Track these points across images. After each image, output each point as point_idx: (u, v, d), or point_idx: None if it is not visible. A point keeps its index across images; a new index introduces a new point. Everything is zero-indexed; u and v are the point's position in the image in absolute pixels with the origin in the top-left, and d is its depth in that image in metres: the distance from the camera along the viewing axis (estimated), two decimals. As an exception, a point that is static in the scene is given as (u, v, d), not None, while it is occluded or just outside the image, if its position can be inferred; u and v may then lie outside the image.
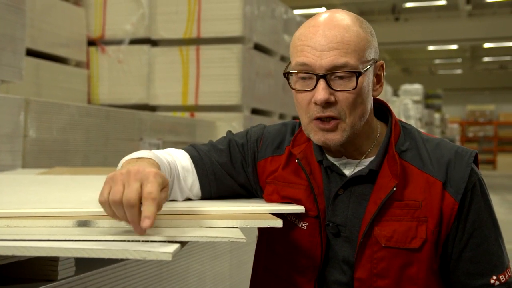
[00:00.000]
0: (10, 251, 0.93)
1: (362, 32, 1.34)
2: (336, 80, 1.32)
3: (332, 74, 1.31)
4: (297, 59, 1.34)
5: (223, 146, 1.55)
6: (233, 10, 4.55)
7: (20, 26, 2.82)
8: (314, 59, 1.31)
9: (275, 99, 5.22)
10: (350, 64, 1.31)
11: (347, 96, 1.32)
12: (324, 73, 1.31)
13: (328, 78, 1.31)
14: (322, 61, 1.31)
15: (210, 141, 1.60)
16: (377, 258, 1.36)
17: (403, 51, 22.59)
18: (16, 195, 1.55)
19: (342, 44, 1.31)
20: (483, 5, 16.74)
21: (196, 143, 1.58)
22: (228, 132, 1.61)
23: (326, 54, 1.31)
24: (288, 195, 1.45)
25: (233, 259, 2.51)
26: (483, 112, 27.58)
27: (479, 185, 1.39)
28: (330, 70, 1.31)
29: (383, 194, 1.35)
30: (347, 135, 1.35)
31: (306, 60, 1.32)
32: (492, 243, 1.39)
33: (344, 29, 1.32)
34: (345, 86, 1.32)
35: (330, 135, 1.35)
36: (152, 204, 1.00)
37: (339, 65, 1.30)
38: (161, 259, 0.92)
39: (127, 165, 1.18)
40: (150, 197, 1.01)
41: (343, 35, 1.31)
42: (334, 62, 1.30)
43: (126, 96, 4.87)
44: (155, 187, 1.02)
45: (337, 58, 1.30)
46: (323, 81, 1.31)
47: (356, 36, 1.32)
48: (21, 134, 2.80)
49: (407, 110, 12.19)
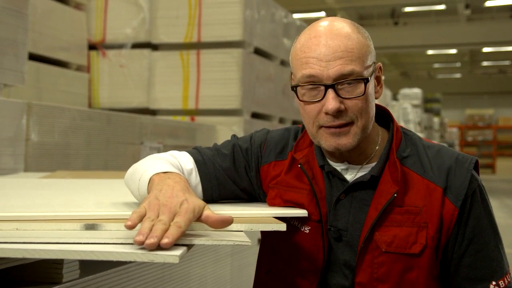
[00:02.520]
0: (20, 253, 0.94)
1: (362, 38, 1.36)
2: (344, 88, 1.33)
3: (339, 83, 1.33)
4: (303, 72, 1.35)
5: (227, 151, 1.56)
6: (233, 14, 4.57)
7: (22, 30, 2.83)
8: (320, 70, 1.33)
9: (275, 103, 5.24)
10: (356, 71, 1.32)
11: (356, 102, 1.34)
12: (332, 82, 1.33)
13: (336, 87, 1.33)
14: (329, 71, 1.32)
15: (215, 144, 1.61)
16: (378, 263, 1.37)
17: (402, 55, 22.61)
18: (22, 199, 1.56)
19: (346, 53, 1.32)
20: (482, 9, 16.77)
21: (200, 146, 1.59)
22: (233, 136, 1.62)
23: (332, 64, 1.32)
24: (291, 200, 1.47)
25: (234, 262, 2.53)
26: (482, 116, 27.60)
27: (479, 192, 1.40)
28: (337, 79, 1.32)
29: (384, 200, 1.37)
30: (358, 138, 1.37)
31: (313, 72, 1.33)
32: (492, 248, 1.40)
33: (345, 37, 1.34)
34: (353, 93, 1.34)
35: (342, 139, 1.36)
36: (177, 231, 1.03)
37: (346, 73, 1.32)
38: (168, 262, 0.93)
39: (159, 182, 1.23)
40: (176, 225, 1.04)
41: (346, 44, 1.33)
42: (341, 71, 1.32)
43: (126, 100, 4.88)
44: (184, 218, 1.07)
45: (343, 67, 1.32)
46: (331, 90, 1.33)
47: (358, 43, 1.34)
48: (23, 138, 2.81)
49: (406, 114, 12.20)
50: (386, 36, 16.53)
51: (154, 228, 1.01)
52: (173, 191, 1.14)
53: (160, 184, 1.20)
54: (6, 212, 1.18)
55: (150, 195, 1.14)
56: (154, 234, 0.99)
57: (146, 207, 1.09)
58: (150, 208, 1.08)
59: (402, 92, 14.74)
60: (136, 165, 1.41)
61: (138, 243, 0.98)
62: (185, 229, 1.05)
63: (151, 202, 1.11)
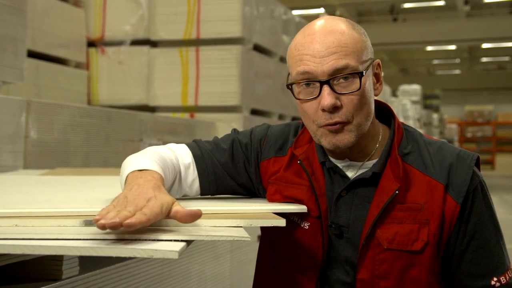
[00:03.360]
0: (20, 249, 0.94)
1: (356, 34, 1.36)
2: (340, 84, 1.33)
3: (334, 79, 1.33)
4: (298, 69, 1.35)
5: (226, 145, 1.56)
6: (232, 11, 4.56)
7: (21, 27, 2.83)
8: (315, 66, 1.33)
9: (275, 99, 5.24)
10: (350, 65, 1.32)
11: (352, 98, 1.33)
12: (326, 78, 1.32)
13: (331, 83, 1.33)
14: (323, 66, 1.32)
15: (215, 138, 1.60)
16: (379, 260, 1.37)
17: (402, 51, 22.62)
18: (22, 195, 1.56)
19: (340, 48, 1.32)
20: (481, 5, 16.77)
21: (200, 140, 1.59)
22: (233, 131, 1.62)
23: (326, 60, 1.32)
24: (291, 196, 1.47)
25: (233, 259, 2.53)
26: (481, 112, 27.62)
27: (480, 188, 1.40)
28: (332, 74, 1.32)
29: (386, 197, 1.37)
30: (355, 135, 1.36)
31: (307, 69, 1.33)
32: (493, 245, 1.41)
33: (339, 33, 1.34)
34: (349, 89, 1.33)
35: (339, 136, 1.35)
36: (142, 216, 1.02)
37: (340, 68, 1.32)
38: (168, 257, 0.94)
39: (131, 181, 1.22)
40: (141, 213, 1.04)
41: (339, 39, 1.33)
42: (335, 66, 1.31)
43: (125, 97, 4.88)
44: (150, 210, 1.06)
45: (337, 62, 1.31)
46: (327, 86, 1.32)
47: (352, 38, 1.34)
48: (23, 135, 2.81)
49: (406, 110, 12.21)
50: (385, 32, 16.53)
51: (119, 214, 1.01)
52: (141, 189, 1.14)
53: (131, 184, 1.19)
54: (6, 209, 1.18)
55: (120, 194, 1.14)
56: (117, 215, 0.99)
57: (114, 204, 1.09)
58: (118, 204, 1.08)
59: (401, 88, 14.74)
60: (127, 159, 1.41)
61: (100, 226, 0.97)
62: (151, 219, 1.04)
63: (119, 199, 1.11)
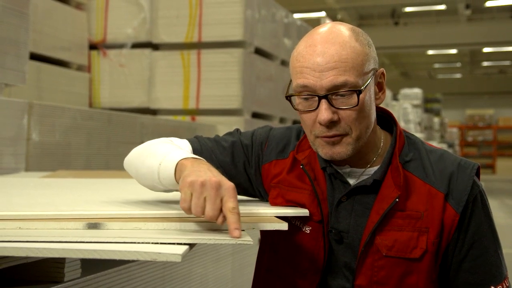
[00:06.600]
0: (24, 252, 0.95)
1: (358, 46, 1.34)
2: (338, 98, 1.33)
3: (333, 94, 1.33)
4: (297, 81, 1.36)
5: (227, 144, 1.56)
6: (234, 14, 4.57)
7: (23, 30, 2.83)
8: (314, 81, 1.32)
9: (276, 103, 5.24)
10: (349, 81, 1.31)
11: (349, 113, 1.33)
12: (325, 93, 1.32)
13: (329, 97, 1.33)
14: (322, 81, 1.32)
15: (216, 135, 1.61)
16: (378, 267, 1.38)
17: (403, 55, 22.62)
18: (24, 198, 1.56)
19: (340, 63, 1.31)
20: (482, 10, 16.78)
21: (201, 136, 1.59)
22: (235, 130, 1.62)
23: (325, 75, 1.31)
24: (293, 199, 1.47)
25: (235, 262, 2.53)
26: (482, 116, 27.60)
27: (480, 198, 1.41)
28: (330, 90, 1.32)
29: (386, 204, 1.37)
30: (352, 148, 1.36)
31: (306, 82, 1.33)
32: (491, 254, 1.41)
33: (340, 46, 1.33)
34: (347, 104, 1.33)
35: (336, 148, 1.36)
36: (237, 217, 1.11)
37: (339, 84, 1.31)
38: (171, 260, 0.94)
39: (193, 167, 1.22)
40: (234, 212, 1.11)
41: (340, 54, 1.32)
42: (334, 82, 1.31)
43: (127, 99, 4.88)
44: (236, 202, 1.13)
45: (336, 78, 1.31)
46: (325, 101, 1.33)
47: (353, 52, 1.33)
48: (24, 137, 2.81)
49: (407, 114, 12.22)
50: (386, 36, 16.54)
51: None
52: (215, 179, 1.15)
53: (196, 166, 1.21)
54: (9, 211, 1.18)
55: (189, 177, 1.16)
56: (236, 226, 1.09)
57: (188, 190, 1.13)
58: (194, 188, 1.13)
59: (402, 92, 14.75)
60: (146, 150, 1.40)
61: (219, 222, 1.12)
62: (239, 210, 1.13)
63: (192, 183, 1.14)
